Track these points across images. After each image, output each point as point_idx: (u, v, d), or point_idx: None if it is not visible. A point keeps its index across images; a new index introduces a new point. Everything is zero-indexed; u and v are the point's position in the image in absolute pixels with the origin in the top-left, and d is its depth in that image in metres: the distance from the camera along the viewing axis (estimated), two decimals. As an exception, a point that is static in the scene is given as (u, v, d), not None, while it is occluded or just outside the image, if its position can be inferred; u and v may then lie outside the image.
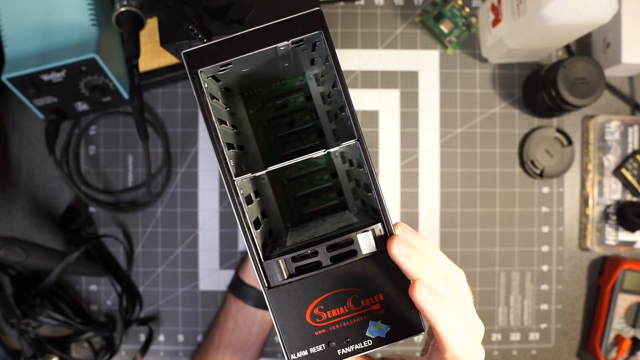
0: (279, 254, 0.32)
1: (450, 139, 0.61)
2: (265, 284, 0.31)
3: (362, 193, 0.39)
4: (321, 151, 0.32)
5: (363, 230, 0.31)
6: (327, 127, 0.46)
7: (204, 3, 0.40)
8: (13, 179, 0.59)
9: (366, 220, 0.35)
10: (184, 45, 0.42)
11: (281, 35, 0.32)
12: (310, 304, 0.31)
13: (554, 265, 0.61)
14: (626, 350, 0.57)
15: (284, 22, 0.32)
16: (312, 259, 0.31)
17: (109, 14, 0.50)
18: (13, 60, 0.50)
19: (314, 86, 0.45)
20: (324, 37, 0.32)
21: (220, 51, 0.32)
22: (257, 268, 0.31)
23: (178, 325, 0.61)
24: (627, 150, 0.60)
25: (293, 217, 0.47)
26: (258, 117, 0.45)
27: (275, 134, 0.46)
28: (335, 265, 0.31)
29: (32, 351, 0.55)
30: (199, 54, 0.32)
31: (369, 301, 0.31)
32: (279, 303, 0.31)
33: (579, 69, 0.53)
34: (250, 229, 0.32)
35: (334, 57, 0.32)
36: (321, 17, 0.32)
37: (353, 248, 0.31)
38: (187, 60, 0.32)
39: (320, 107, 0.45)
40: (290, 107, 0.45)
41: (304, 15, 0.32)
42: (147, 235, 0.61)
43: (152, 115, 0.60)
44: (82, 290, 0.61)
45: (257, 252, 0.32)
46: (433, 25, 0.60)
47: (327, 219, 0.43)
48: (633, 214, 0.58)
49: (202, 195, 0.61)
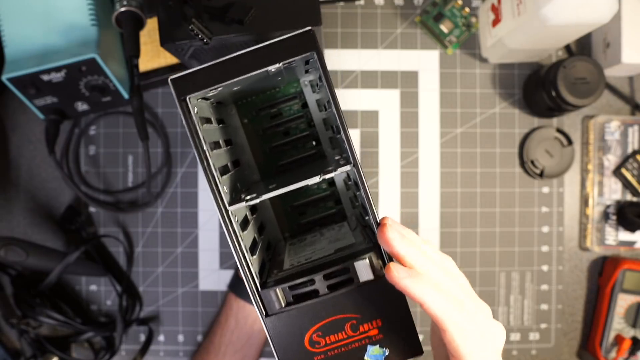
0: (276, 281, 0.32)
1: (450, 139, 0.61)
2: (262, 312, 0.31)
3: (359, 210, 0.39)
4: (316, 177, 0.31)
5: (360, 258, 0.31)
6: (324, 135, 0.45)
7: (203, 3, 0.40)
8: (13, 179, 0.60)
9: (363, 241, 0.35)
10: (184, 45, 0.42)
11: (272, 57, 0.31)
12: (309, 330, 0.31)
13: (554, 265, 0.61)
14: (626, 350, 0.57)
15: (274, 43, 0.31)
16: (309, 287, 0.31)
17: (109, 14, 0.50)
18: (13, 60, 0.50)
19: (309, 93, 0.44)
20: (317, 58, 0.31)
21: (209, 77, 0.31)
22: (254, 297, 0.31)
23: (178, 325, 0.61)
24: (627, 150, 0.60)
25: (291, 226, 0.46)
26: (252, 126, 0.44)
27: (270, 143, 0.45)
28: (332, 293, 0.31)
29: (32, 351, 0.55)
30: (187, 80, 0.31)
31: (367, 326, 0.31)
32: (277, 330, 0.31)
33: (579, 69, 0.53)
34: (245, 258, 0.31)
35: (327, 79, 0.31)
36: (313, 37, 0.31)
37: (350, 276, 0.31)
38: (174, 87, 0.30)
39: (316, 115, 0.45)
40: (285, 115, 0.44)
41: (295, 36, 0.31)
42: (147, 235, 0.61)
43: (152, 115, 0.60)
44: (82, 290, 0.61)
45: (254, 280, 0.31)
46: (433, 25, 0.60)
47: (325, 232, 0.43)
48: (633, 214, 0.58)
49: (202, 195, 0.61)
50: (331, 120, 0.40)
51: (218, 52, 0.46)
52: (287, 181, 0.35)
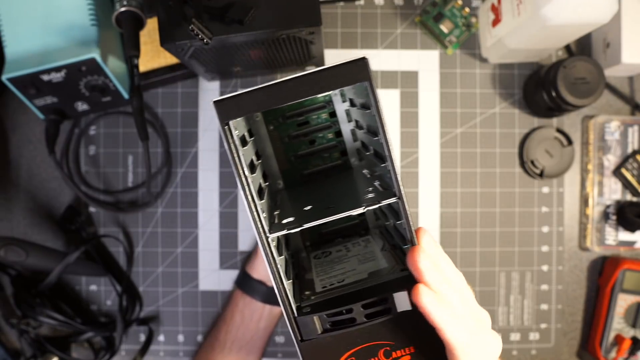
0: (313, 307, 0.32)
1: (450, 139, 0.61)
2: (298, 338, 0.31)
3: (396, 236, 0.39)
4: (360, 209, 0.31)
5: (400, 290, 0.31)
6: (351, 146, 0.44)
7: (204, 3, 0.40)
8: (13, 179, 0.59)
9: (396, 265, 0.35)
10: (184, 45, 0.42)
11: (321, 86, 0.29)
12: (342, 355, 0.31)
13: (554, 265, 0.61)
14: (626, 350, 0.57)
15: (324, 71, 0.29)
16: (347, 315, 0.31)
17: (109, 14, 0.50)
18: (13, 60, 0.50)
19: (339, 102, 0.44)
20: (369, 88, 0.30)
21: (254, 101, 0.29)
22: (290, 322, 0.31)
23: (178, 325, 0.61)
24: (627, 150, 0.60)
25: (312, 236, 0.46)
26: (278, 133, 0.44)
27: (295, 152, 0.44)
28: (369, 322, 0.31)
29: (32, 351, 0.55)
30: (231, 103, 0.29)
31: (400, 353, 0.31)
32: (310, 355, 0.31)
33: (579, 69, 0.53)
34: (284, 285, 0.31)
35: (379, 111, 0.30)
36: (366, 66, 0.29)
37: (388, 306, 0.31)
38: (218, 111, 0.29)
39: (345, 125, 0.44)
40: (312, 124, 0.44)
41: (347, 64, 0.29)
42: (147, 235, 0.61)
43: (152, 115, 0.60)
44: (82, 290, 0.61)
45: (291, 306, 0.31)
46: (433, 25, 0.60)
47: (351, 248, 0.42)
48: (633, 214, 0.58)
49: (202, 195, 0.61)
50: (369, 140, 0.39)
51: (218, 52, 0.46)
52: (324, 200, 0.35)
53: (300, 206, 0.35)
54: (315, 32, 0.42)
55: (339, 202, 0.35)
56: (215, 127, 0.60)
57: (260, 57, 0.50)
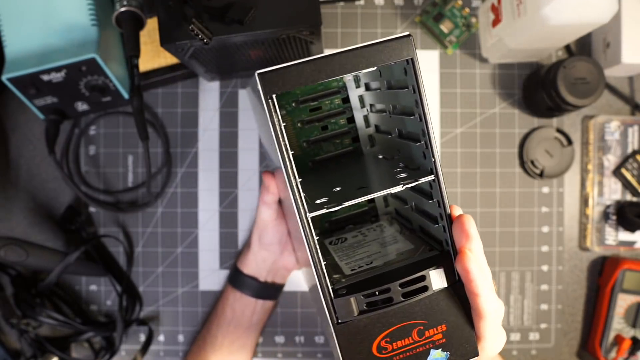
0: (348, 288, 0.31)
1: (450, 139, 0.61)
2: (335, 320, 0.31)
3: (417, 218, 0.39)
4: (398, 187, 0.31)
5: (435, 268, 0.31)
6: (363, 132, 0.44)
7: (204, 3, 0.40)
8: (13, 179, 0.59)
9: (420, 245, 0.35)
10: (184, 45, 0.42)
11: (367, 61, 0.29)
12: (378, 337, 0.31)
13: (554, 265, 0.61)
14: (626, 350, 0.57)
15: (370, 46, 0.29)
16: (383, 295, 0.31)
17: (109, 14, 0.50)
18: (13, 60, 0.50)
19: (353, 88, 0.43)
20: (412, 65, 0.30)
21: (300, 75, 0.29)
22: (327, 305, 0.31)
23: (178, 325, 0.61)
24: (627, 150, 0.60)
25: (322, 224, 0.45)
26: (291, 118, 0.43)
27: (308, 137, 0.44)
28: (406, 301, 0.31)
29: (32, 351, 0.55)
30: (276, 76, 0.29)
31: (432, 331, 0.31)
32: (346, 337, 0.31)
33: (579, 69, 0.53)
34: (322, 266, 0.31)
35: (420, 88, 0.30)
36: (411, 43, 0.29)
37: (425, 284, 0.31)
38: (262, 82, 0.29)
39: (358, 111, 0.44)
40: (325, 109, 0.43)
41: (393, 40, 0.29)
42: (147, 235, 0.61)
43: (152, 115, 0.60)
44: (82, 290, 0.61)
45: (328, 288, 0.31)
46: (433, 26, 0.60)
47: (367, 233, 0.42)
48: (633, 214, 0.58)
49: (202, 195, 0.61)
50: (394, 123, 0.39)
51: (218, 52, 0.47)
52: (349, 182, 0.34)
53: (325, 188, 0.35)
54: (315, 32, 0.42)
55: (368, 182, 0.34)
56: (216, 127, 0.60)
57: (260, 57, 0.50)
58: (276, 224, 0.51)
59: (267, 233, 0.52)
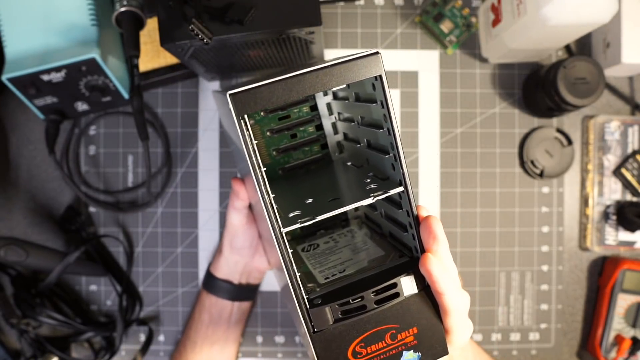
0: (322, 297, 0.33)
1: (450, 139, 0.61)
2: (311, 330, 0.32)
3: (387, 225, 0.40)
4: (369, 199, 0.32)
5: (406, 275, 0.33)
6: (332, 139, 0.45)
7: (204, 3, 0.40)
8: (13, 179, 0.59)
9: (390, 251, 0.37)
10: (184, 45, 0.42)
11: (337, 79, 0.30)
12: (353, 342, 0.32)
13: (554, 265, 0.61)
14: (626, 350, 0.57)
15: (340, 64, 0.30)
16: (357, 303, 0.32)
17: (109, 14, 0.50)
18: (13, 60, 0.50)
19: (321, 96, 0.44)
20: (380, 82, 0.31)
21: (271, 95, 0.29)
22: (303, 315, 0.32)
23: (178, 325, 0.61)
24: (627, 150, 0.60)
25: (294, 230, 0.45)
26: (259, 128, 0.44)
27: (277, 145, 0.44)
28: (379, 307, 0.32)
29: (32, 351, 0.55)
30: (248, 96, 0.29)
31: (404, 334, 0.33)
32: (322, 345, 0.32)
33: (579, 69, 0.53)
34: (297, 279, 0.32)
35: (388, 104, 0.31)
36: (379, 60, 0.30)
37: (396, 291, 0.32)
38: (234, 104, 0.29)
39: (326, 119, 0.44)
40: (293, 118, 0.44)
41: (362, 58, 0.30)
42: (147, 235, 0.61)
43: (152, 115, 0.60)
44: (82, 290, 0.61)
45: (304, 300, 0.32)
46: (433, 25, 0.60)
47: (338, 239, 0.43)
48: (633, 214, 0.58)
49: (202, 195, 0.61)
50: (362, 133, 0.39)
51: (218, 52, 0.46)
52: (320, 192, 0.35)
53: (297, 199, 0.36)
54: (315, 32, 0.42)
55: (338, 193, 0.35)
56: (216, 127, 0.60)
57: (260, 57, 0.50)
58: (246, 228, 0.51)
59: (237, 237, 0.52)
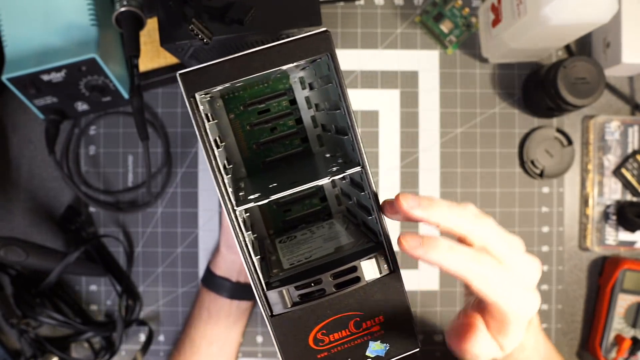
0: (282, 281, 0.32)
1: (450, 139, 0.61)
2: (268, 313, 0.31)
3: (359, 213, 0.39)
4: (325, 179, 0.31)
5: (367, 258, 0.31)
6: (312, 132, 0.45)
7: (203, 3, 0.40)
8: (13, 179, 0.59)
9: (360, 238, 0.36)
10: (184, 45, 0.42)
11: (286, 57, 0.30)
12: (313, 329, 0.31)
13: (554, 265, 0.61)
14: (626, 350, 0.57)
15: (288, 42, 0.30)
16: (316, 287, 0.31)
17: (109, 14, 0.50)
18: (13, 60, 0.50)
19: (299, 90, 0.44)
20: (331, 60, 0.31)
21: (220, 73, 0.30)
22: (259, 297, 0.31)
23: (178, 325, 0.61)
24: (627, 150, 0.60)
25: (276, 224, 0.46)
26: (239, 122, 0.44)
27: (257, 139, 0.44)
28: (339, 292, 0.31)
29: (32, 351, 0.55)
30: (197, 76, 0.30)
31: (369, 323, 0.32)
32: (281, 330, 0.31)
33: (579, 69, 0.53)
34: (252, 259, 0.31)
35: (341, 81, 0.31)
36: (328, 38, 0.30)
37: (357, 275, 0.31)
38: (183, 83, 0.29)
39: (305, 112, 0.44)
40: (273, 112, 0.44)
41: (311, 36, 0.30)
42: (147, 235, 0.61)
43: (152, 115, 0.60)
44: (82, 290, 0.61)
45: (260, 281, 0.31)
46: (433, 25, 0.60)
47: (316, 231, 0.43)
48: (633, 214, 0.58)
49: (202, 195, 0.61)
50: (330, 119, 0.40)
51: (218, 52, 0.46)
52: (287, 179, 0.35)
53: (264, 185, 0.36)
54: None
55: (303, 176, 0.35)
56: (215, 127, 0.60)
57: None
58: None
59: (233, 237, 0.52)
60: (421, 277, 0.61)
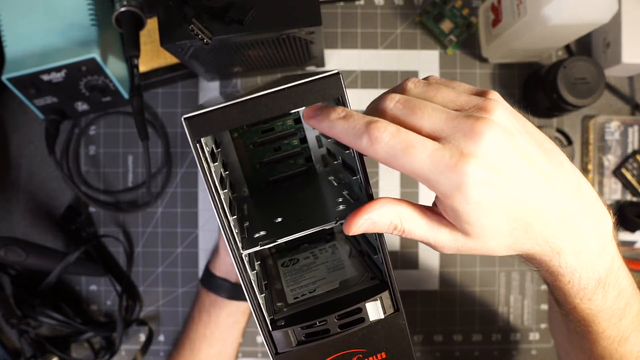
0: (286, 320, 0.32)
1: (450, 139, 0.61)
2: (273, 351, 0.32)
3: (362, 245, 0.39)
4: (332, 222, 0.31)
5: (372, 300, 0.31)
6: (316, 152, 0.45)
7: (204, 3, 0.40)
8: (13, 179, 0.60)
9: (364, 271, 0.36)
10: (184, 45, 0.42)
11: (295, 102, 0.29)
12: None
13: (554, 265, 0.61)
14: (626, 350, 0.57)
15: (298, 86, 0.29)
16: (321, 327, 0.31)
17: (109, 14, 0.50)
18: (13, 60, 0.50)
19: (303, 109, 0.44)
20: (342, 102, 0.30)
21: (227, 117, 0.28)
22: (265, 337, 0.31)
23: (178, 326, 0.61)
24: (627, 150, 0.60)
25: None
26: (242, 141, 0.44)
27: (260, 159, 0.44)
28: (343, 332, 0.31)
29: (32, 351, 0.55)
30: (203, 120, 0.28)
31: (372, 359, 0.32)
32: None
33: (579, 69, 0.53)
34: (258, 302, 0.31)
35: None
36: (339, 81, 0.29)
37: (361, 316, 0.31)
38: (189, 128, 0.28)
39: (310, 132, 0.44)
40: (277, 131, 0.44)
41: (321, 79, 0.29)
42: (147, 235, 0.61)
43: (152, 115, 0.60)
44: (82, 290, 0.61)
45: (266, 322, 0.32)
46: (433, 25, 0.60)
47: (318, 254, 0.43)
48: (633, 214, 0.58)
49: (202, 195, 0.61)
50: (337, 150, 0.39)
51: (218, 52, 0.47)
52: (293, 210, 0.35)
53: (269, 217, 0.35)
54: (315, 32, 0.42)
55: (309, 213, 0.35)
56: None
57: (260, 57, 0.50)
58: None
59: None
60: (421, 277, 0.61)
